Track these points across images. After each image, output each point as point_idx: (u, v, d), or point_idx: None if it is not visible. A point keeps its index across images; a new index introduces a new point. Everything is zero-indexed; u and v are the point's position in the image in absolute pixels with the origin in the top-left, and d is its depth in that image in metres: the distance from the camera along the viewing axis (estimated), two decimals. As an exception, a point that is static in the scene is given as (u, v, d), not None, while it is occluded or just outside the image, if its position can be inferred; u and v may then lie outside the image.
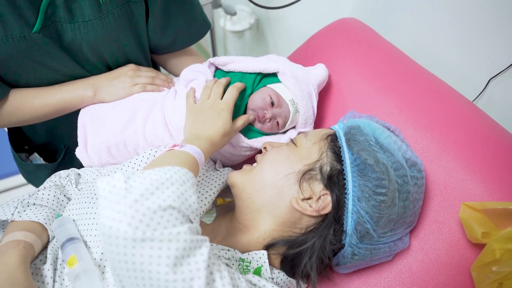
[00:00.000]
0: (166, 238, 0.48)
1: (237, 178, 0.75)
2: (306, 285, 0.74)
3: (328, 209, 0.66)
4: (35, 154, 1.10)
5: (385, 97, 0.87)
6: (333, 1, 1.37)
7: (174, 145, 0.66)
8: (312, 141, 0.72)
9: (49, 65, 0.83)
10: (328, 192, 0.66)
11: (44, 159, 1.10)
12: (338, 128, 0.73)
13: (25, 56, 0.78)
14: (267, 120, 0.84)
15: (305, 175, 0.68)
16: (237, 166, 0.93)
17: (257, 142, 0.87)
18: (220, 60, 0.89)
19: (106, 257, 0.49)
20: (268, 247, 0.69)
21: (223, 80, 0.84)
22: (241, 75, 0.87)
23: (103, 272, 0.64)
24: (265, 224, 0.70)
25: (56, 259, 0.69)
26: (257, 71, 0.87)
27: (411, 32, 1.09)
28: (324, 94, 0.98)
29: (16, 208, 0.72)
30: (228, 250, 0.69)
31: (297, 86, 0.84)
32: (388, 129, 0.74)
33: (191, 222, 0.52)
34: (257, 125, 0.87)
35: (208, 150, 0.70)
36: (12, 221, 0.71)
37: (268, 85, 0.86)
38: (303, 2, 1.29)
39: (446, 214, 0.71)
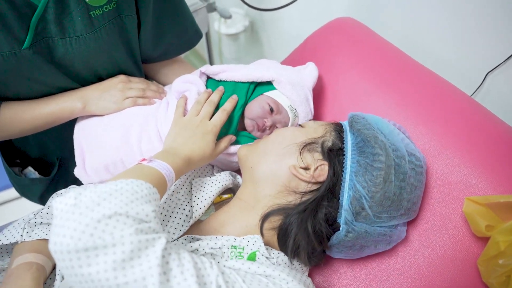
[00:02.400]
0: (110, 243, 0.46)
1: (243, 150, 0.79)
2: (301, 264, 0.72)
3: (324, 177, 0.68)
4: (30, 168, 1.09)
5: (384, 94, 0.88)
6: (327, 1, 1.37)
7: (143, 159, 0.65)
8: (319, 124, 0.78)
9: (40, 80, 0.82)
10: (326, 162, 0.69)
11: (38, 173, 1.09)
12: (345, 123, 0.76)
13: (15, 72, 0.77)
14: (268, 128, 0.84)
15: (307, 146, 0.72)
16: (236, 172, 0.93)
17: None
18: (212, 70, 0.87)
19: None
20: (265, 219, 0.69)
21: (215, 97, 0.83)
22: (234, 84, 0.86)
23: None
24: (264, 191, 0.72)
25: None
26: (251, 80, 0.85)
27: (406, 29, 1.10)
28: (322, 93, 0.98)
29: (24, 229, 0.72)
30: (217, 238, 0.68)
31: (294, 92, 0.84)
32: (394, 125, 0.76)
33: (146, 222, 0.50)
34: (256, 134, 0.86)
35: (182, 169, 0.69)
36: (22, 242, 0.71)
37: (264, 93, 0.86)
38: (297, 4, 1.29)
39: (450, 209, 0.71)
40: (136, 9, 0.84)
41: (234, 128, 0.85)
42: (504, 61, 0.87)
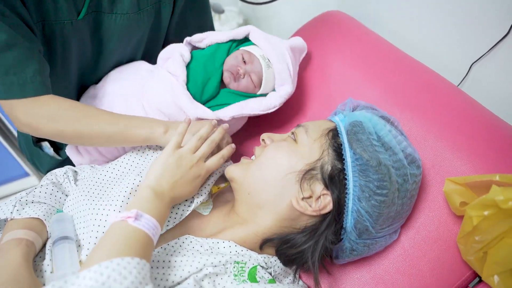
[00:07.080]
0: None
1: (236, 173, 0.74)
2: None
3: (328, 208, 0.66)
4: (46, 143, 1.05)
5: (371, 84, 0.90)
6: (319, -4, 1.39)
7: (128, 217, 0.59)
8: (313, 138, 0.70)
9: (73, 53, 0.85)
10: (328, 192, 0.66)
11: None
12: (339, 121, 0.72)
13: (66, 42, 0.81)
14: (241, 76, 0.88)
15: (306, 175, 0.67)
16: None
17: (233, 109, 0.87)
18: (196, 37, 0.93)
19: None
20: (265, 242, 0.70)
21: (217, 137, 0.77)
22: (217, 46, 0.92)
23: None
24: (264, 220, 0.70)
25: None
26: (231, 38, 0.92)
27: (394, 22, 1.12)
28: (312, 84, 1.00)
29: (15, 206, 0.72)
30: (223, 255, 0.67)
31: (266, 42, 0.90)
32: (388, 119, 0.73)
33: None
34: (233, 85, 0.89)
35: (165, 217, 0.66)
36: (12, 219, 0.71)
37: (241, 48, 0.92)
38: (289, -2, 1.32)
39: (434, 192, 0.73)
40: None
41: (217, 82, 0.89)
42: (487, 52, 0.90)
